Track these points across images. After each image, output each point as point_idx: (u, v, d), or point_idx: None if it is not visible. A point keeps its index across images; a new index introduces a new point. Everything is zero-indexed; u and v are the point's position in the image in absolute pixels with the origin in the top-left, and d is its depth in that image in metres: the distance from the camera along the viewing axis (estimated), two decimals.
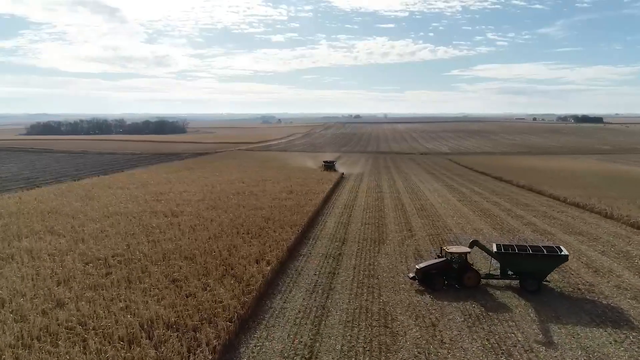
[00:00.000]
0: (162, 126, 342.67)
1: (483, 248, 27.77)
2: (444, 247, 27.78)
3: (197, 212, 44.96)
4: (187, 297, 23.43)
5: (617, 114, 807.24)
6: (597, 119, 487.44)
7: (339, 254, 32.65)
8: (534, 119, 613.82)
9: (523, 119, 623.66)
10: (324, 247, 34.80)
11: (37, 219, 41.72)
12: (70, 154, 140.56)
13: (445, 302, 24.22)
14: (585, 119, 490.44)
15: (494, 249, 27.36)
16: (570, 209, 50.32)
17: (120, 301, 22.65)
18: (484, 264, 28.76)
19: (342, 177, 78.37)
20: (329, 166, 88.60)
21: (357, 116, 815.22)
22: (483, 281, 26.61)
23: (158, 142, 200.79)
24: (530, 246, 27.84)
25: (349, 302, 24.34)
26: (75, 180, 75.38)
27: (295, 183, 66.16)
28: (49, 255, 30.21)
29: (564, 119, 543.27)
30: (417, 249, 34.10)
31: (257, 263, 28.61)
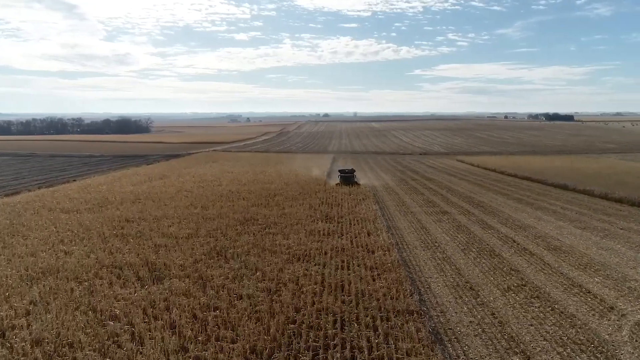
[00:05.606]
0: (124, 125, 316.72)
1: None
2: None
3: (194, 267, 25.62)
4: None
5: (576, 113, 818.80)
6: (568, 117, 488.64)
7: None
8: (505, 116, 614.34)
9: (495, 117, 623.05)
10: None
11: None
12: (15, 157, 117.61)
13: None
14: (556, 117, 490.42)
15: None
16: None
17: None
18: None
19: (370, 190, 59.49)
20: (347, 177, 62.03)
21: (326, 115, 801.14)
22: None
23: (120, 143, 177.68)
24: None
25: None
26: (7, 196, 55.08)
27: (319, 201, 47.26)
28: None
29: (535, 117, 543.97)
30: None
31: None
